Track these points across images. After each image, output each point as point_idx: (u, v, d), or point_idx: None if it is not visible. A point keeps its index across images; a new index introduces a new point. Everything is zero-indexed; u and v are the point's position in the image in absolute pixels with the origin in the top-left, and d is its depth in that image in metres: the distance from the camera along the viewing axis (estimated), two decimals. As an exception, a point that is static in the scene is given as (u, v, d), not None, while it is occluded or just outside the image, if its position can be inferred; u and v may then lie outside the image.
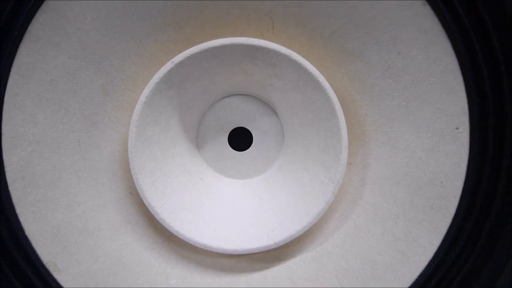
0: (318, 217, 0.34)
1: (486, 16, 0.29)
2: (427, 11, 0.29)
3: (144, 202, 0.33)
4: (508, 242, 0.31)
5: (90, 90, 0.32)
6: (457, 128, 0.31)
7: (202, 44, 0.32)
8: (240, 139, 0.38)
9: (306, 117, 0.35)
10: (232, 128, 0.38)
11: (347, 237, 0.35)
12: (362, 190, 0.35)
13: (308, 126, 0.35)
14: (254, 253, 0.35)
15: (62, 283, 0.32)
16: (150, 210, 0.33)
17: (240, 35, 0.33)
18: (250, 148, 0.38)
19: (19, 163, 0.31)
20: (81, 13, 0.30)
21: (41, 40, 0.30)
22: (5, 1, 0.28)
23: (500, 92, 0.29)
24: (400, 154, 0.33)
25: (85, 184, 0.33)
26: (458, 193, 0.31)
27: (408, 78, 0.32)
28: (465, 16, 0.29)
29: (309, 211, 0.34)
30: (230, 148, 0.38)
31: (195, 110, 0.36)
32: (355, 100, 0.34)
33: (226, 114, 0.37)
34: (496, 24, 0.29)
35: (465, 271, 0.31)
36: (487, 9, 0.29)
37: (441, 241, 0.32)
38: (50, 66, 0.31)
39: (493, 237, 0.31)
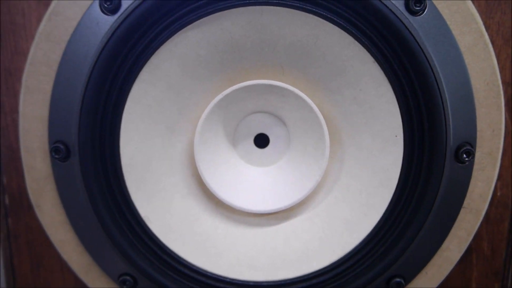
0: (311, 190, 0.40)
1: (412, 72, 0.35)
2: (376, 66, 0.36)
3: (203, 180, 0.40)
4: (427, 206, 0.36)
5: (170, 111, 0.39)
6: (396, 136, 0.37)
7: (240, 83, 0.38)
8: (261, 140, 0.42)
9: (303, 128, 0.40)
10: (256, 133, 0.42)
11: (330, 204, 0.41)
12: (339, 174, 0.40)
13: (304, 134, 0.40)
14: (270, 213, 0.41)
15: (153, 229, 0.39)
16: (206, 185, 0.40)
17: (263, 78, 0.38)
18: (268, 146, 0.42)
19: (128, 155, 0.38)
20: (169, 65, 0.37)
21: (145, 82, 0.37)
22: (127, 60, 0.35)
23: (421, 114, 0.36)
24: (363, 152, 0.39)
25: (165, 169, 0.40)
26: (397, 176, 0.38)
27: (366, 105, 0.37)
28: (399, 70, 0.35)
29: (305, 186, 0.40)
30: (255, 146, 0.42)
31: (233, 122, 0.42)
32: (335, 118, 0.39)
33: (252, 124, 0.42)
34: (417, 74, 0.34)
35: (403, 223, 0.38)
36: (412, 66, 0.34)
37: (387, 205, 0.38)
38: (149, 96, 0.37)
39: (419, 202, 0.37)
